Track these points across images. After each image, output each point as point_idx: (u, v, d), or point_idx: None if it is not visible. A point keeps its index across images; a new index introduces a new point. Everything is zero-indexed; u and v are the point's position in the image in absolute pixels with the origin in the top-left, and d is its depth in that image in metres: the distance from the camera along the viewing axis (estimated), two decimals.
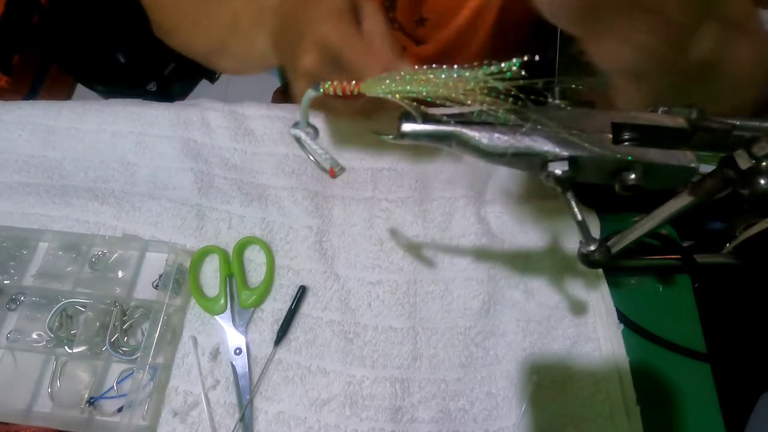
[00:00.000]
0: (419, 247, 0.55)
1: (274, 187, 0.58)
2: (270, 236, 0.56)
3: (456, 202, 0.57)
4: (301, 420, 0.48)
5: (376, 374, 0.49)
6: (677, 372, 0.51)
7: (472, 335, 0.51)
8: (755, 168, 0.27)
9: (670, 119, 0.27)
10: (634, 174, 0.26)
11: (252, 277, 0.54)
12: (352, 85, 0.25)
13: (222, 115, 0.62)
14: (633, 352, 0.50)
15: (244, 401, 0.48)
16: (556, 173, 0.26)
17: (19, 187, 0.58)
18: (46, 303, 0.51)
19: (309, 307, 0.52)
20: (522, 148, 0.27)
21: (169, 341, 0.50)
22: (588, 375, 0.49)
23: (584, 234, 0.29)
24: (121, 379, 0.49)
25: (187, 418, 0.48)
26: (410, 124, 0.28)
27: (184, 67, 1.52)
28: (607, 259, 0.30)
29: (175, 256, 0.52)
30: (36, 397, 0.49)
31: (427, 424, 0.48)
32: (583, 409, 0.48)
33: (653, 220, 0.35)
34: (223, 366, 0.50)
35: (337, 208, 0.57)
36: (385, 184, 0.58)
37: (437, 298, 0.53)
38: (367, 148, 0.60)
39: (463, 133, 0.27)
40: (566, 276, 0.53)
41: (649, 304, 0.54)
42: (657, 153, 0.26)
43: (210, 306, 0.52)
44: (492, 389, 0.49)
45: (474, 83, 0.23)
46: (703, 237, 0.64)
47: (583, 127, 0.27)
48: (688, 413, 0.49)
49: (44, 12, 1.36)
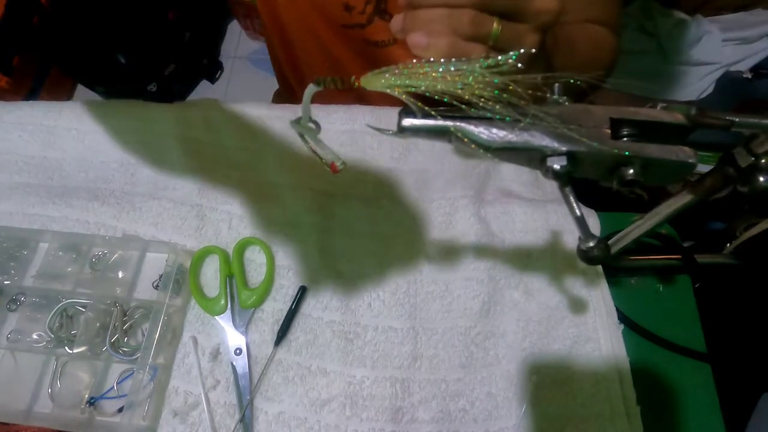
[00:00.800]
0: (419, 247, 0.55)
1: (274, 187, 0.58)
2: (270, 237, 0.56)
3: (456, 203, 0.57)
4: (301, 420, 0.48)
5: (377, 374, 0.49)
6: (677, 372, 0.51)
7: (473, 335, 0.51)
8: (755, 165, 0.27)
9: (668, 115, 0.27)
10: (632, 169, 0.26)
11: (252, 278, 0.54)
12: (351, 80, 0.25)
13: (222, 115, 0.62)
14: (633, 352, 0.50)
15: (245, 401, 0.48)
16: (555, 168, 0.26)
17: (19, 187, 0.59)
18: (47, 303, 0.51)
19: (309, 307, 0.52)
20: (521, 142, 0.27)
21: (169, 341, 0.50)
22: (588, 375, 0.49)
23: (582, 229, 0.29)
24: (122, 380, 0.49)
25: (187, 418, 0.48)
26: (410, 119, 0.28)
27: (184, 67, 1.52)
28: (605, 256, 0.30)
29: (176, 257, 0.52)
30: (36, 398, 0.49)
31: (428, 424, 0.48)
32: (583, 409, 0.48)
33: (653, 219, 0.35)
34: (223, 366, 0.50)
35: (338, 208, 0.57)
36: (386, 184, 0.58)
37: (437, 298, 0.53)
38: (367, 148, 0.60)
39: (463, 127, 0.27)
40: (566, 276, 0.53)
41: (650, 304, 0.54)
42: (656, 148, 0.26)
43: (210, 306, 0.52)
44: (492, 389, 0.49)
45: (472, 78, 0.23)
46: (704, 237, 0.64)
47: (582, 123, 0.27)
48: (688, 413, 0.49)
49: (44, 12, 1.36)
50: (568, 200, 0.28)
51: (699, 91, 1.30)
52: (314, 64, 0.70)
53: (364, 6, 0.59)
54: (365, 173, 0.59)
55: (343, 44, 0.65)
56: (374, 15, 0.59)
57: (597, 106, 0.27)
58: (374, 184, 0.58)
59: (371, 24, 0.60)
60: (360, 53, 0.65)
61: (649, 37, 1.34)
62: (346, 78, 0.25)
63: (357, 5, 0.59)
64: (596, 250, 0.29)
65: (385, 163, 0.60)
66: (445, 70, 0.23)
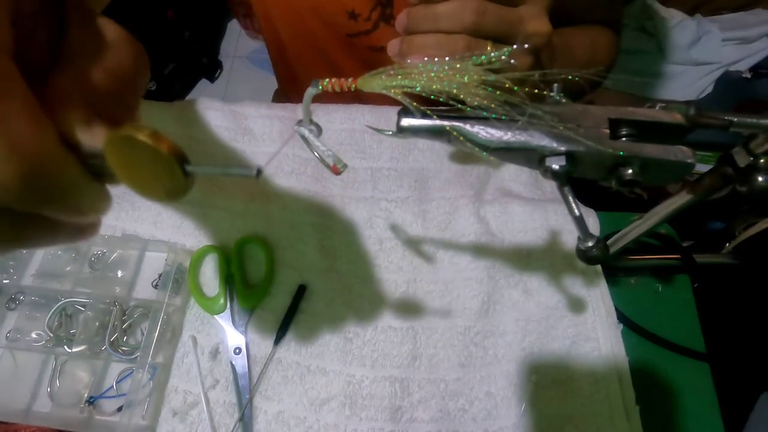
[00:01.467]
0: (419, 246, 0.55)
1: (273, 186, 0.58)
2: (269, 236, 0.56)
3: (456, 202, 0.57)
4: (300, 419, 0.48)
5: (376, 374, 0.49)
6: (676, 371, 0.51)
7: (472, 335, 0.51)
8: (753, 165, 0.27)
9: (667, 115, 0.27)
10: (631, 170, 0.26)
11: (251, 277, 0.54)
12: (349, 82, 0.25)
13: (222, 114, 0.62)
14: (632, 351, 0.50)
15: (244, 401, 0.48)
16: (554, 168, 0.27)
17: None
18: (46, 302, 0.51)
19: (308, 306, 0.52)
20: (519, 142, 0.27)
21: (168, 341, 0.50)
22: (587, 374, 0.49)
23: (582, 229, 0.29)
24: (121, 379, 0.49)
25: (186, 417, 0.48)
26: (408, 119, 0.28)
27: (183, 66, 1.52)
28: (605, 256, 0.30)
29: (175, 256, 0.52)
30: (35, 397, 0.49)
31: (427, 423, 0.48)
32: (582, 408, 0.48)
33: (652, 219, 0.35)
34: (222, 365, 0.50)
35: (337, 208, 0.57)
36: (384, 184, 0.58)
37: (437, 297, 0.53)
38: (367, 147, 0.60)
39: (461, 127, 0.27)
40: (565, 276, 0.53)
41: (649, 304, 0.54)
42: (654, 149, 0.26)
43: (209, 305, 0.52)
44: (491, 389, 0.49)
45: (468, 77, 0.23)
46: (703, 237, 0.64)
47: (581, 122, 0.27)
48: (687, 412, 0.49)
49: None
50: (567, 200, 0.28)
51: (698, 91, 1.30)
52: (313, 72, 0.70)
53: (370, 13, 0.59)
54: (364, 172, 0.59)
55: (345, 51, 0.65)
56: (380, 21, 0.60)
57: (596, 106, 0.27)
58: (373, 183, 0.58)
59: (377, 30, 0.60)
60: (363, 60, 0.65)
61: (648, 36, 1.34)
62: (344, 80, 0.25)
63: (362, 12, 0.59)
64: (595, 250, 0.29)
65: (384, 162, 0.60)
66: (439, 69, 0.23)
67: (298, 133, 0.31)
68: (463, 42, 0.33)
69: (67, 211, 0.18)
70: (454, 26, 0.34)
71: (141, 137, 0.16)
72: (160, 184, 0.18)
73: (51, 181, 0.16)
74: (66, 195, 0.17)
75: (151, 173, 0.17)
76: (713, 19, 1.31)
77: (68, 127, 0.17)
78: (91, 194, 0.18)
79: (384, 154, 0.60)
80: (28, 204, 0.16)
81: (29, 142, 0.15)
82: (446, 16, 0.34)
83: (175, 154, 0.17)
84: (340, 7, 0.59)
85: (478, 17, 0.33)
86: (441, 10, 0.34)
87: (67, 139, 0.17)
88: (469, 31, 0.34)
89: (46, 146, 0.15)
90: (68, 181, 0.17)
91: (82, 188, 0.18)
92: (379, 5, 0.58)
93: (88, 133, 0.17)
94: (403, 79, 0.24)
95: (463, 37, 0.34)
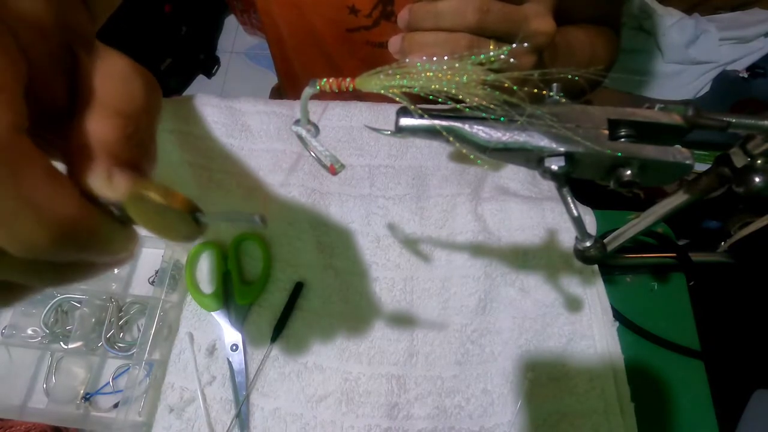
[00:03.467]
0: (416, 244, 0.55)
1: (270, 183, 0.58)
2: (267, 232, 0.55)
3: (453, 200, 0.57)
4: (297, 416, 0.48)
5: (373, 371, 0.50)
6: (671, 369, 0.51)
7: (468, 332, 0.51)
8: (750, 166, 0.27)
9: (666, 116, 0.27)
10: (630, 170, 0.26)
11: (248, 274, 0.54)
12: (347, 82, 0.25)
13: (219, 110, 0.62)
14: (628, 349, 0.50)
15: (241, 397, 0.48)
16: (553, 168, 0.27)
17: None
18: (41, 298, 0.51)
19: (305, 303, 0.52)
20: (518, 143, 0.27)
21: (165, 337, 0.50)
22: (583, 372, 0.49)
23: (580, 229, 0.29)
24: (117, 375, 0.49)
25: (183, 414, 0.48)
26: (407, 118, 0.28)
27: (180, 62, 1.51)
28: (602, 255, 0.30)
29: (172, 252, 0.52)
30: (31, 393, 0.49)
31: (423, 420, 0.48)
32: (578, 405, 0.48)
33: (649, 218, 0.35)
34: (219, 362, 0.50)
35: (334, 205, 0.57)
36: (382, 182, 0.58)
37: (434, 295, 0.53)
38: (364, 144, 0.60)
39: (460, 128, 0.27)
40: (562, 274, 0.53)
41: (644, 302, 0.54)
42: (653, 150, 0.26)
43: (206, 302, 0.52)
44: (488, 386, 0.49)
45: (467, 77, 0.23)
46: (699, 235, 0.64)
47: (580, 123, 0.27)
48: (681, 410, 0.49)
49: None
50: (566, 201, 0.28)
51: (695, 90, 1.31)
52: (312, 69, 0.70)
53: (371, 9, 0.58)
54: (362, 169, 0.59)
55: (344, 46, 0.64)
56: (381, 18, 0.59)
57: (595, 107, 0.27)
58: (371, 180, 0.58)
59: (377, 26, 0.60)
60: (362, 56, 0.64)
61: (646, 35, 1.34)
62: (343, 80, 0.25)
63: (363, 8, 0.58)
64: (593, 250, 0.29)
65: (382, 159, 0.60)
66: (438, 69, 0.23)
67: (295, 133, 0.31)
68: (465, 41, 0.33)
69: (101, 256, 0.19)
70: (457, 24, 0.33)
71: (154, 197, 0.18)
72: (176, 231, 0.20)
73: (80, 236, 0.17)
74: (96, 244, 0.18)
75: (167, 223, 0.19)
76: (711, 18, 1.31)
77: (90, 184, 0.18)
78: (120, 239, 0.19)
79: (381, 152, 0.60)
80: (64, 257, 0.18)
81: (55, 209, 0.16)
82: (449, 14, 0.33)
83: (187, 208, 0.19)
84: (340, 1, 0.59)
85: (481, 15, 0.33)
86: (444, 7, 0.33)
87: (90, 195, 0.18)
88: (472, 30, 0.33)
89: (70, 209, 0.17)
90: (96, 232, 0.18)
91: (110, 236, 0.19)
92: (380, 2, 0.58)
93: (109, 188, 0.18)
94: (402, 78, 0.24)
95: (465, 35, 0.33)
